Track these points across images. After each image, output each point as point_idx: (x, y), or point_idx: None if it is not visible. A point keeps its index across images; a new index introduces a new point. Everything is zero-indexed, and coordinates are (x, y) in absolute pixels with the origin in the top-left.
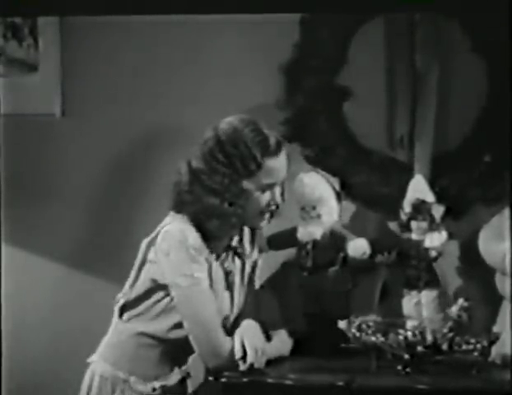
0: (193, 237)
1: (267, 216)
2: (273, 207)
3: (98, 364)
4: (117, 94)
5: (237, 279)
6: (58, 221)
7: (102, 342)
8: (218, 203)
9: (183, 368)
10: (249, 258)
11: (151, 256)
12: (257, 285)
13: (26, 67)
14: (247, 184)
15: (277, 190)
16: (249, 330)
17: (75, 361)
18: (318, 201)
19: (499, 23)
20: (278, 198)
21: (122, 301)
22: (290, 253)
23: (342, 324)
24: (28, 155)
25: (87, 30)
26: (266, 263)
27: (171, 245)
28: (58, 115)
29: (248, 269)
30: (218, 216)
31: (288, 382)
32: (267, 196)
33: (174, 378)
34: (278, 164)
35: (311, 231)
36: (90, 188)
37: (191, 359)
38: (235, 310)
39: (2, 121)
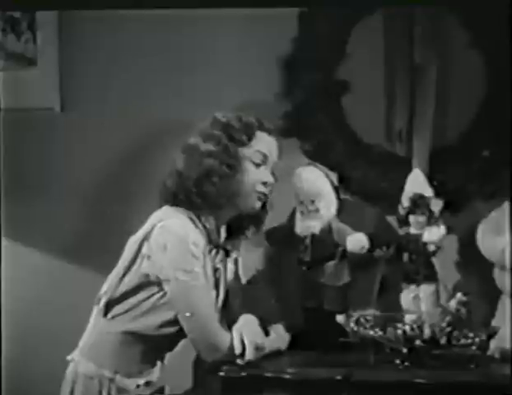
0: (194, 232)
1: (260, 197)
2: (266, 189)
3: (80, 363)
4: (116, 88)
5: (222, 276)
6: (57, 215)
7: (82, 340)
8: (217, 164)
9: (165, 362)
10: (231, 256)
11: (144, 251)
12: (243, 280)
13: (25, 61)
14: (241, 151)
15: (269, 169)
16: (248, 325)
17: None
18: (317, 195)
19: (498, 18)
20: (270, 177)
21: (105, 299)
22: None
23: (340, 318)
24: (27, 149)
25: (86, 24)
26: (248, 260)
27: (169, 240)
28: (56, 109)
29: (230, 266)
30: (218, 175)
31: (286, 376)
32: (259, 172)
33: (156, 373)
34: (271, 140)
35: (309, 225)
36: (89, 183)
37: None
38: (219, 307)
39: (1, 115)
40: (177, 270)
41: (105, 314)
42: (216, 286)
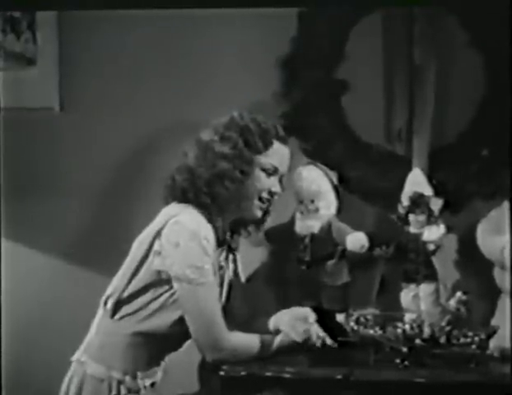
0: (206, 227)
1: (262, 205)
2: (271, 196)
3: (88, 364)
4: (116, 88)
5: (226, 275)
6: (57, 215)
7: (87, 341)
8: (231, 168)
9: (168, 362)
10: (234, 254)
11: (156, 248)
12: (242, 278)
13: (25, 60)
14: (256, 159)
15: (278, 178)
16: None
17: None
18: (317, 194)
19: (497, 17)
20: (278, 187)
21: (113, 300)
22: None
23: (340, 318)
24: (27, 148)
25: (86, 24)
26: (248, 259)
27: (182, 236)
28: (56, 109)
29: (230, 265)
30: (230, 179)
31: (286, 375)
32: (268, 181)
33: (159, 373)
34: (285, 152)
35: (309, 225)
36: (88, 182)
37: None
38: (222, 305)
39: (0, 115)
40: (187, 267)
41: (113, 315)
42: (221, 284)
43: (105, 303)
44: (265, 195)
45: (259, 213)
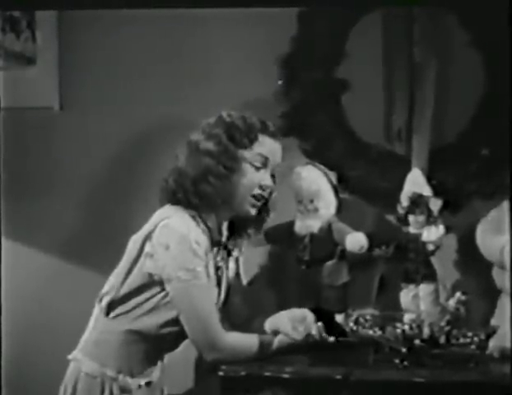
0: (195, 230)
1: (256, 202)
2: (263, 191)
3: (83, 362)
4: (115, 87)
5: (224, 275)
6: (56, 215)
7: (84, 339)
8: (214, 164)
9: (165, 362)
10: (233, 255)
11: (147, 250)
12: (244, 281)
13: (24, 60)
14: (241, 153)
15: (269, 172)
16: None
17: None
18: (316, 194)
19: (497, 17)
20: (268, 180)
21: (108, 298)
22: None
23: (339, 318)
24: (27, 148)
25: (85, 23)
26: (250, 259)
27: (172, 239)
28: (56, 108)
29: (232, 265)
30: (215, 176)
31: (286, 375)
32: (258, 175)
33: (156, 373)
34: (274, 146)
35: (308, 225)
36: (88, 182)
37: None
38: (219, 306)
39: (0, 114)
40: (179, 269)
41: (107, 314)
42: (218, 285)
43: (101, 300)
44: (257, 191)
45: (252, 210)
